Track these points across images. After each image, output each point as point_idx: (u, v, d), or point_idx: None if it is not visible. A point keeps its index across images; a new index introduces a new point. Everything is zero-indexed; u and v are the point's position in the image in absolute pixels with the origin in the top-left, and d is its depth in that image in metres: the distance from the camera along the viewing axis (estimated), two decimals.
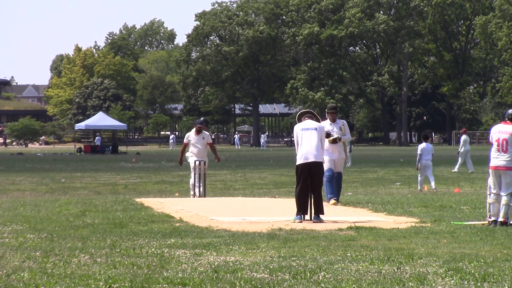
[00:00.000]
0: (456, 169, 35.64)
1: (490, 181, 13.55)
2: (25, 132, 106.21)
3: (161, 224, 13.58)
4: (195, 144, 20.95)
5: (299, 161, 14.40)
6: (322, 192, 14.57)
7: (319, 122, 14.89)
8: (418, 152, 24.88)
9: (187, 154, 21.85)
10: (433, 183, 24.57)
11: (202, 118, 23.55)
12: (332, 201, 17.33)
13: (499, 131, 13.58)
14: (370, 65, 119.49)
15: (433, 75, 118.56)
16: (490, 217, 13.43)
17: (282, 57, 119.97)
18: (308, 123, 14.67)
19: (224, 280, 8.23)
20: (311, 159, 14.32)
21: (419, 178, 24.89)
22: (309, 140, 14.43)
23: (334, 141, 17.47)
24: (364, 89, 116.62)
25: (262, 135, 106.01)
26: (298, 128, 14.61)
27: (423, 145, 25.04)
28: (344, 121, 18.20)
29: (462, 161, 36.03)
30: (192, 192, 21.86)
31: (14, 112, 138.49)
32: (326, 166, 17.22)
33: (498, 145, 13.45)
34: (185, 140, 21.18)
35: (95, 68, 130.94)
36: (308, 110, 15.54)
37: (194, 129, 21.24)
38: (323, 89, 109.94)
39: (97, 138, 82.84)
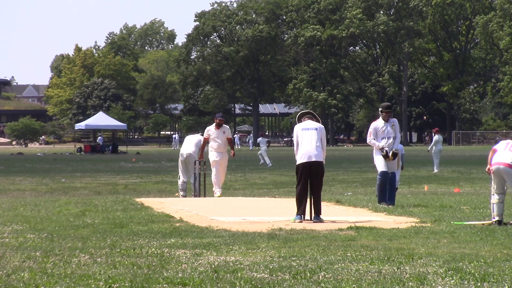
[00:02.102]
0: (436, 170, 35.44)
1: (493, 181, 13.54)
2: (25, 132, 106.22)
3: (161, 224, 13.57)
4: (215, 139, 20.61)
5: (300, 160, 14.38)
6: (322, 192, 14.57)
7: (319, 122, 14.86)
8: None
9: (179, 151, 21.74)
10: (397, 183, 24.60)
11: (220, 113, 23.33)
12: (383, 205, 16.48)
13: (507, 142, 13.57)
14: (370, 65, 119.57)
15: (433, 75, 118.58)
16: (494, 217, 13.41)
17: (282, 57, 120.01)
18: (309, 123, 14.65)
19: (224, 280, 8.22)
20: (312, 158, 14.30)
21: None
22: (310, 140, 14.40)
23: (394, 156, 16.73)
24: (364, 89, 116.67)
25: (248, 136, 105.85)
26: (298, 128, 14.59)
27: None
28: (395, 119, 17.37)
29: (438, 160, 35.81)
30: (182, 193, 21.74)
31: (14, 112, 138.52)
32: (380, 168, 16.74)
33: (504, 148, 13.44)
34: (205, 135, 20.77)
35: (95, 68, 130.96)
36: (308, 111, 15.51)
37: (214, 124, 20.87)
38: (324, 88, 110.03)
39: (99, 138, 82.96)
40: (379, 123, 17.02)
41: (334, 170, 37.00)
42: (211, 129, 20.76)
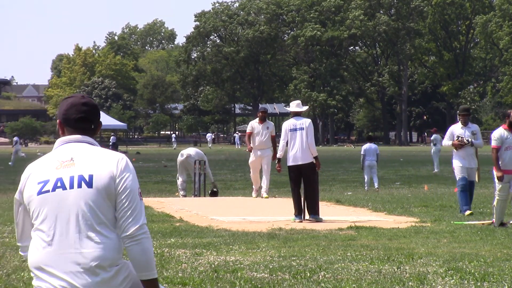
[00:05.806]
0: (436, 169, 35.20)
1: (498, 184, 13.49)
2: (26, 132, 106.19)
3: (161, 224, 13.57)
4: (259, 134, 19.43)
5: (290, 162, 14.68)
6: (321, 191, 14.59)
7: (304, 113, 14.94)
8: (362, 152, 24.83)
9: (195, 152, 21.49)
10: (376, 184, 24.62)
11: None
12: (468, 212, 15.10)
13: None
14: (370, 65, 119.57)
15: (433, 75, 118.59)
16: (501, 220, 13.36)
17: (282, 57, 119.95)
18: (296, 122, 14.71)
19: (224, 279, 8.22)
20: (299, 161, 14.55)
21: (365, 179, 24.87)
22: (298, 141, 14.57)
23: (461, 145, 15.39)
24: (364, 89, 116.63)
25: (235, 134, 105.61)
26: (287, 127, 14.66)
27: (366, 145, 24.93)
28: (477, 126, 15.96)
29: (437, 159, 35.62)
30: (182, 193, 21.67)
31: (14, 111, 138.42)
32: (459, 175, 15.50)
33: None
34: (248, 129, 19.74)
35: (95, 67, 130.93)
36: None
37: (256, 118, 19.80)
38: (324, 89, 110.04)
39: (112, 137, 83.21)
40: (456, 127, 15.74)
41: (334, 170, 36.96)
42: (254, 124, 19.59)
